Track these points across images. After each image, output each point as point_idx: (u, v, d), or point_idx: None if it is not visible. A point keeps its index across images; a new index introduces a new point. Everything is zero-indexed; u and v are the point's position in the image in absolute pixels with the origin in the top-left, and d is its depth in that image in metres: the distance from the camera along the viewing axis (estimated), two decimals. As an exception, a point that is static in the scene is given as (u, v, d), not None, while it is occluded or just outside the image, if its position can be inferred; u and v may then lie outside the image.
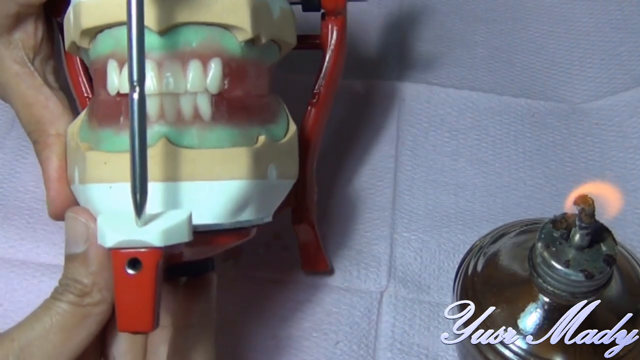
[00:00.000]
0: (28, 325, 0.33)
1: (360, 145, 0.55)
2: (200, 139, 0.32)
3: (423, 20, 0.63)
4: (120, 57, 0.32)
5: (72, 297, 0.33)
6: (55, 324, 0.33)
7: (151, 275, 0.30)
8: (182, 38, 0.32)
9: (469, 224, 0.50)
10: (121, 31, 0.32)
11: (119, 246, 0.30)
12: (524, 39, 0.61)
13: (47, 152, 0.37)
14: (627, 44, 0.60)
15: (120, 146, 0.32)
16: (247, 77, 0.35)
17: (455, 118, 0.56)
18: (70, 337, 0.33)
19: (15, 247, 0.49)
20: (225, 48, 0.33)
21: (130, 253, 0.30)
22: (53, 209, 0.37)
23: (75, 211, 0.34)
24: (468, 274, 0.40)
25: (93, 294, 0.33)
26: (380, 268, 0.48)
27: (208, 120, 0.33)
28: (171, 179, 0.32)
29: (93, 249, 0.33)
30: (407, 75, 0.59)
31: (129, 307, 0.30)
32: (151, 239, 0.30)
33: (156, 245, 0.30)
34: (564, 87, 0.58)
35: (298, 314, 0.46)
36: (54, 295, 0.33)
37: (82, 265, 0.33)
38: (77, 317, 0.33)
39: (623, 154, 0.54)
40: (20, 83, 0.38)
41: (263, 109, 0.36)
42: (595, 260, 0.36)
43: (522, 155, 0.54)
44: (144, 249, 0.30)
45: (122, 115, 0.33)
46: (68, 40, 0.35)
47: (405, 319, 0.46)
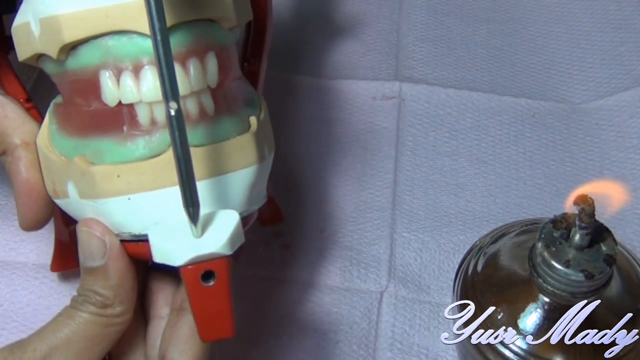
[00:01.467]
0: (49, 334, 0.32)
1: (360, 146, 0.55)
2: (209, 135, 0.32)
3: (423, 20, 0.63)
4: (114, 67, 0.32)
5: (93, 308, 0.33)
6: (78, 333, 0.32)
7: (226, 284, 0.31)
8: (177, 40, 0.32)
9: (469, 224, 0.50)
10: (112, 42, 0.31)
11: (190, 263, 0.30)
12: (524, 39, 0.61)
13: (15, 165, 0.35)
14: (627, 44, 0.60)
15: (129, 156, 0.32)
16: (232, 64, 0.35)
17: (455, 118, 0.56)
18: (92, 345, 0.33)
19: (15, 249, 0.49)
20: (216, 40, 0.33)
21: (202, 266, 0.30)
22: (25, 223, 0.36)
23: (88, 225, 0.33)
24: (468, 274, 0.40)
25: (115, 305, 0.33)
26: (380, 268, 0.48)
27: (212, 115, 0.33)
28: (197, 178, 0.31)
29: (112, 263, 0.32)
30: (407, 75, 0.59)
31: (209, 317, 0.31)
32: (222, 250, 0.30)
33: (227, 255, 0.30)
34: (564, 87, 0.58)
35: (298, 314, 0.46)
36: (74, 305, 0.33)
37: (101, 278, 0.33)
38: (99, 326, 0.33)
39: (623, 154, 0.54)
40: None
41: (243, 91, 0.36)
42: (595, 260, 0.36)
43: (522, 155, 0.54)
44: (214, 259, 0.30)
45: (126, 125, 0.32)
46: (28, 52, 0.34)
47: (405, 319, 0.46)
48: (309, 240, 0.50)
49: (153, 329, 0.36)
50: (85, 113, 0.33)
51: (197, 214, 0.30)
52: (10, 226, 0.50)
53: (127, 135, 0.32)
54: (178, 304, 0.35)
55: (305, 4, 0.64)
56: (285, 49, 0.60)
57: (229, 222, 0.31)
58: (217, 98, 0.33)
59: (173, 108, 0.29)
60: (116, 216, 0.32)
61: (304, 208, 0.51)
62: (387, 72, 0.59)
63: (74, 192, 0.33)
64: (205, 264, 0.30)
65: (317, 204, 0.51)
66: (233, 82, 0.35)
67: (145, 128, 0.32)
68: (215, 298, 0.31)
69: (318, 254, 0.49)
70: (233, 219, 0.31)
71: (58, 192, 0.34)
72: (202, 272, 0.30)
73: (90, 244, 0.33)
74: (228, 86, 0.34)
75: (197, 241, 0.30)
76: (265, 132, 0.36)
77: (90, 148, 0.33)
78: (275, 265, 0.49)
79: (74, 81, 0.33)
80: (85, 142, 0.33)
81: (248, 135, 0.33)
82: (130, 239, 0.33)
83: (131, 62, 0.31)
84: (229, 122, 0.33)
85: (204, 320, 0.31)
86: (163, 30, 0.29)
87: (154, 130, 0.32)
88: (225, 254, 0.30)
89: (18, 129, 0.35)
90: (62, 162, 0.33)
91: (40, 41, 0.33)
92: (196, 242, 0.30)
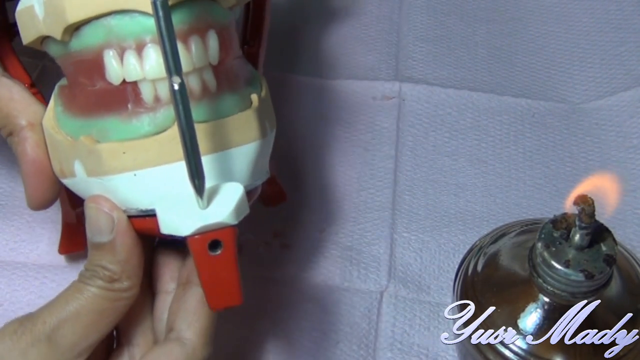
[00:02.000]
0: (59, 307, 0.33)
1: (360, 145, 0.55)
2: (211, 111, 0.33)
3: (423, 20, 0.63)
4: (117, 46, 0.32)
5: (101, 282, 0.33)
6: (86, 306, 0.33)
7: (233, 252, 0.31)
8: (179, 17, 0.32)
9: (469, 224, 0.50)
10: (114, 21, 0.32)
11: (197, 232, 0.31)
12: (524, 39, 0.62)
13: (22, 145, 0.36)
14: (627, 44, 0.60)
15: (134, 133, 0.32)
16: (232, 42, 0.35)
17: (455, 118, 0.56)
18: (100, 318, 0.33)
19: (15, 249, 0.49)
20: (216, 18, 0.34)
21: (209, 236, 0.31)
22: (33, 203, 0.37)
23: (97, 201, 0.34)
24: (468, 274, 0.40)
25: (122, 280, 0.33)
26: (380, 268, 0.48)
27: (214, 91, 0.33)
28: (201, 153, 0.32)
29: (120, 238, 0.33)
30: (407, 75, 0.59)
31: (217, 286, 0.32)
32: (228, 219, 0.31)
33: (233, 224, 0.31)
34: (564, 87, 0.58)
35: (298, 314, 0.46)
36: (82, 279, 0.34)
37: (109, 253, 0.33)
38: (107, 300, 0.33)
39: (623, 154, 0.54)
40: None
41: (244, 69, 0.37)
42: (595, 260, 0.36)
43: (522, 155, 0.54)
44: (220, 229, 0.31)
45: (130, 103, 0.33)
46: (32, 35, 0.35)
47: (405, 319, 0.46)
48: (309, 240, 0.50)
49: (160, 304, 0.37)
50: (90, 93, 0.34)
51: (202, 185, 0.31)
52: (10, 226, 0.50)
53: (132, 112, 0.33)
54: (184, 278, 0.36)
55: (305, 4, 0.64)
56: (285, 49, 0.60)
57: (233, 194, 0.32)
58: (219, 75, 0.34)
59: (177, 82, 0.29)
60: (123, 192, 0.33)
61: (304, 208, 0.51)
62: (387, 72, 0.59)
63: (81, 171, 0.34)
64: (212, 233, 0.31)
65: (317, 204, 0.51)
66: (234, 61, 0.35)
67: (150, 105, 0.32)
68: (222, 267, 0.31)
69: (318, 254, 0.49)
70: (238, 191, 0.32)
71: (65, 171, 0.35)
72: (209, 242, 0.31)
73: (98, 219, 0.33)
74: (229, 64, 0.35)
75: (203, 212, 0.31)
76: (267, 109, 0.36)
77: (95, 127, 0.33)
78: (275, 265, 0.49)
79: (78, 62, 0.34)
80: (90, 122, 0.34)
81: (250, 111, 0.34)
82: (137, 214, 0.33)
83: (134, 40, 0.32)
84: (230, 98, 0.34)
85: (212, 289, 0.32)
86: (165, 7, 0.29)
87: (158, 107, 0.32)
88: (231, 224, 0.31)
89: (24, 110, 0.36)
90: (68, 142, 0.34)
91: (44, 23, 0.33)
92: (202, 212, 0.31)
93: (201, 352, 0.34)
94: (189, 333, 0.34)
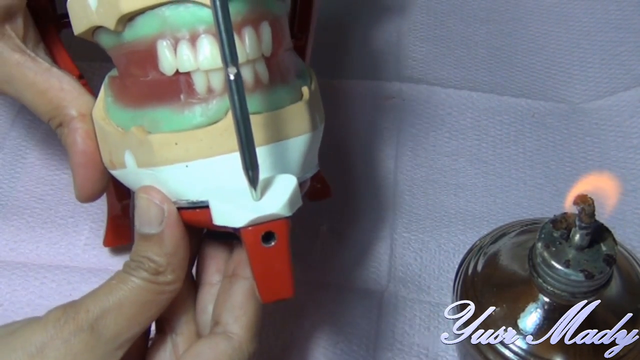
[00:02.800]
0: (102, 297, 0.33)
1: (360, 145, 0.55)
2: (264, 103, 0.33)
3: (423, 20, 0.63)
4: (171, 37, 0.32)
5: (145, 274, 0.33)
6: (130, 297, 0.33)
7: (286, 245, 0.31)
8: (233, 9, 0.32)
9: (469, 224, 0.50)
10: (168, 12, 0.32)
11: (250, 224, 0.31)
12: (524, 39, 0.62)
13: (72, 136, 0.36)
14: (627, 44, 0.60)
15: (186, 124, 0.32)
16: (284, 34, 0.35)
17: (455, 118, 0.56)
18: (143, 310, 0.33)
19: (15, 249, 0.49)
20: (269, 10, 0.34)
21: (263, 227, 0.31)
22: (82, 195, 0.37)
23: (148, 192, 0.34)
24: (468, 274, 0.40)
25: (167, 273, 0.33)
26: (380, 268, 0.48)
27: (267, 83, 0.33)
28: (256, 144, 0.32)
29: (169, 230, 0.33)
30: (407, 75, 0.59)
31: (269, 278, 0.32)
32: (281, 211, 0.31)
33: (286, 216, 0.31)
34: (564, 87, 0.58)
35: (298, 314, 0.46)
36: (127, 270, 0.34)
37: (156, 245, 0.33)
38: (151, 292, 0.33)
39: (623, 154, 0.54)
40: (26, 72, 0.37)
41: (294, 62, 0.37)
42: (595, 260, 0.36)
43: (522, 155, 0.54)
44: (274, 221, 0.31)
45: (183, 94, 0.33)
46: (84, 25, 0.35)
47: (405, 319, 0.46)
48: (309, 240, 0.50)
49: (204, 295, 0.36)
50: (142, 84, 0.34)
51: (256, 177, 0.31)
52: (10, 226, 0.50)
53: (185, 103, 0.33)
54: (231, 271, 0.36)
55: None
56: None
57: (287, 185, 0.32)
58: (271, 67, 0.34)
59: (232, 73, 0.29)
60: (174, 184, 0.33)
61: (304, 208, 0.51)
62: (387, 72, 0.59)
63: (132, 162, 0.34)
64: (266, 225, 0.31)
65: (317, 204, 0.51)
66: (285, 53, 0.35)
67: (202, 96, 0.32)
68: (275, 259, 0.31)
69: (318, 254, 0.49)
70: (291, 183, 0.32)
71: (115, 162, 0.35)
72: (262, 234, 0.31)
73: (149, 210, 0.33)
74: (281, 56, 0.35)
75: (256, 204, 0.31)
76: (316, 102, 0.36)
77: (147, 118, 0.33)
78: (275, 265, 0.49)
79: (131, 52, 0.34)
80: (142, 113, 0.34)
81: (302, 103, 0.34)
82: (188, 206, 0.33)
83: (188, 31, 0.32)
84: (283, 91, 0.34)
85: (265, 281, 0.32)
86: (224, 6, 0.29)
87: (211, 98, 0.32)
88: (285, 215, 0.31)
89: (74, 100, 0.36)
90: (118, 132, 0.34)
91: (97, 13, 0.33)
92: (256, 204, 0.31)
93: (247, 347, 0.34)
94: (235, 327, 0.34)
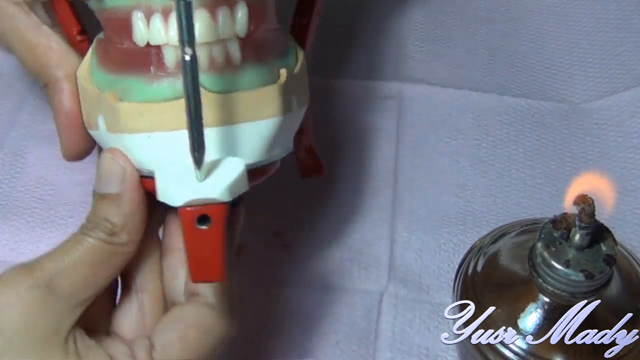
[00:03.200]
0: (58, 257, 0.33)
1: (360, 145, 0.55)
2: (232, 83, 0.33)
3: (423, 20, 0.63)
4: (146, 9, 0.33)
5: (101, 234, 0.33)
6: (84, 258, 0.33)
7: (220, 229, 0.32)
8: None
9: (469, 224, 0.50)
10: None
11: (187, 205, 0.31)
12: (524, 39, 0.61)
13: (58, 96, 0.36)
14: (627, 44, 0.60)
15: (153, 96, 0.33)
16: (266, 15, 0.35)
17: (455, 118, 0.56)
18: (97, 271, 0.33)
19: (15, 249, 0.49)
20: None
21: (199, 210, 0.31)
22: (67, 154, 0.37)
23: (113, 152, 0.34)
24: (468, 274, 0.40)
25: (122, 234, 0.33)
26: (380, 268, 0.48)
27: (238, 63, 0.33)
28: (210, 125, 0.32)
29: (128, 192, 0.33)
30: (407, 75, 0.59)
31: (200, 259, 0.32)
32: (220, 196, 0.31)
33: (224, 201, 0.31)
34: (564, 87, 0.58)
35: (298, 314, 0.46)
36: (83, 230, 0.34)
37: (114, 205, 0.33)
38: (105, 253, 0.33)
39: (623, 154, 0.54)
40: (18, 25, 0.37)
41: (278, 42, 0.36)
42: (595, 260, 0.35)
43: (522, 155, 0.54)
44: (212, 205, 0.31)
45: (153, 66, 0.33)
46: None
47: (405, 319, 0.46)
48: (309, 240, 0.50)
49: (173, 261, 0.36)
50: (119, 50, 0.34)
51: (202, 157, 0.31)
52: (10, 226, 0.50)
53: (154, 75, 0.33)
54: None
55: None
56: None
57: (232, 170, 0.32)
58: (246, 47, 0.34)
59: (188, 54, 0.29)
60: (136, 152, 0.33)
61: (304, 208, 0.51)
62: (387, 72, 0.59)
63: (103, 125, 0.34)
64: (202, 207, 0.31)
65: (317, 204, 0.51)
66: (267, 33, 0.35)
67: (171, 70, 0.33)
68: (208, 242, 0.32)
69: (318, 254, 0.49)
70: (237, 167, 0.32)
71: (91, 123, 0.35)
72: (198, 216, 0.31)
73: (111, 169, 0.34)
74: (260, 36, 0.34)
75: (198, 185, 0.31)
76: (297, 85, 0.36)
77: (121, 85, 0.34)
78: (275, 265, 0.49)
79: (111, 19, 0.34)
80: (118, 79, 0.34)
81: (275, 86, 0.34)
82: (148, 174, 0.33)
83: (161, 5, 0.32)
84: (255, 72, 0.34)
85: (196, 262, 0.32)
86: None
87: (179, 73, 0.32)
88: (223, 201, 0.31)
89: (61, 60, 0.36)
90: (95, 94, 0.35)
91: None
92: (197, 185, 0.31)
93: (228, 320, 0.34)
94: (215, 300, 0.34)
